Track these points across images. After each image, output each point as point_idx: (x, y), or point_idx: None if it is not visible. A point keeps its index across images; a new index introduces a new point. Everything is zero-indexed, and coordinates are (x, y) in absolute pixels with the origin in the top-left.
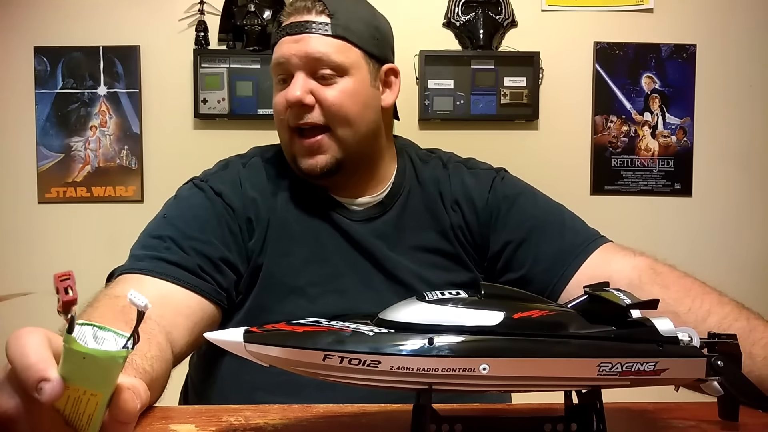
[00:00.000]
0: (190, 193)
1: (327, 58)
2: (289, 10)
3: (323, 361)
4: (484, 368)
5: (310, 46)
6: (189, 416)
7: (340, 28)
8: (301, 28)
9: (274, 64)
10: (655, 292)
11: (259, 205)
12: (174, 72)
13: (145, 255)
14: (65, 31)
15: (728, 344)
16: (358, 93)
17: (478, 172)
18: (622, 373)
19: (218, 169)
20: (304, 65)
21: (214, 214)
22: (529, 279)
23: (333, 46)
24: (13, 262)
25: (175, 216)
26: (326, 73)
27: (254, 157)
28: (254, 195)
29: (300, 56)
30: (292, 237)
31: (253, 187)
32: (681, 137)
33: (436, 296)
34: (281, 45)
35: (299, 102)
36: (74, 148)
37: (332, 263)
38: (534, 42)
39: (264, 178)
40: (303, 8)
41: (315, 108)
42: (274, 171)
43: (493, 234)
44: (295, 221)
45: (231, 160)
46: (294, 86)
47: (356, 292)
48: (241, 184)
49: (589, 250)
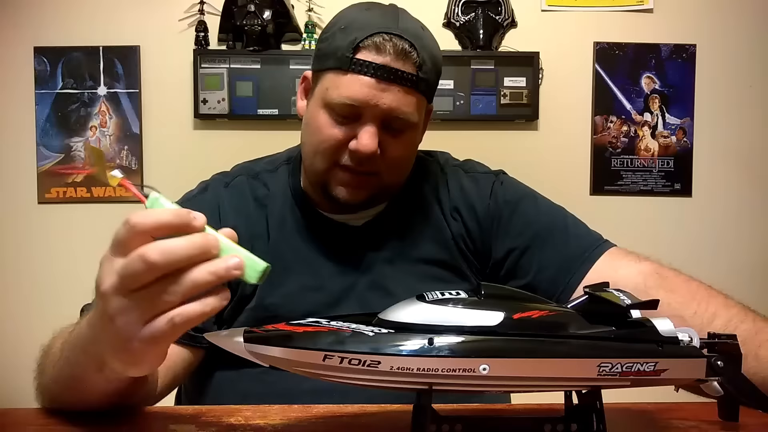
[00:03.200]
0: None
1: (406, 117)
2: (378, 41)
3: (323, 361)
4: (484, 368)
5: (396, 101)
6: (189, 416)
7: (423, 83)
8: (393, 77)
9: (342, 101)
10: (660, 296)
11: (240, 233)
12: (174, 72)
13: None
14: (65, 31)
15: (728, 344)
16: (415, 143)
17: (477, 176)
18: (622, 374)
19: (198, 192)
20: (380, 117)
21: None
22: (534, 286)
23: (413, 105)
24: (13, 262)
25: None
26: (398, 127)
27: (239, 176)
28: (235, 221)
29: (382, 108)
30: (285, 266)
31: (235, 211)
32: (681, 137)
33: (436, 296)
34: (361, 83)
35: (373, 155)
36: (74, 148)
37: (328, 290)
38: (534, 42)
39: (250, 199)
40: (399, 52)
41: (377, 158)
42: (263, 191)
43: (495, 241)
44: (288, 248)
45: (212, 182)
46: (370, 138)
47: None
48: (220, 210)
49: (595, 256)
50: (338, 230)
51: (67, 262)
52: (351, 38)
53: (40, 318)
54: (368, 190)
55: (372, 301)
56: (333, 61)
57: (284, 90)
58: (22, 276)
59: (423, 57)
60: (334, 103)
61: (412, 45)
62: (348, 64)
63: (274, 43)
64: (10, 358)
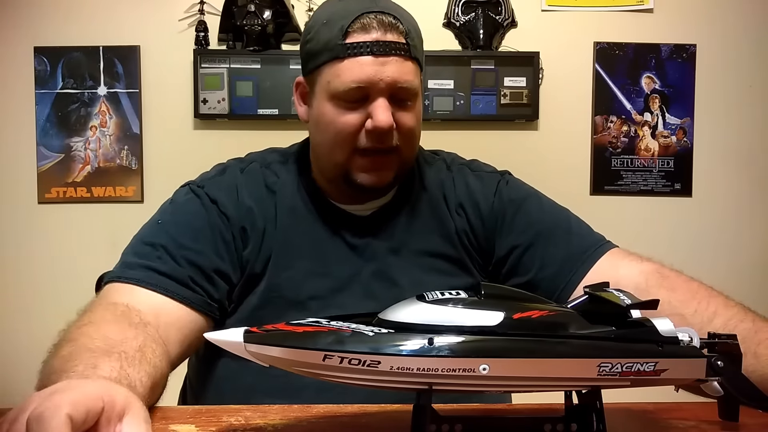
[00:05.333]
0: (186, 199)
1: (409, 85)
2: (366, 22)
3: (323, 361)
4: (484, 368)
5: (397, 72)
6: (189, 416)
7: (414, 49)
8: (388, 50)
9: (348, 86)
10: (661, 295)
11: (254, 214)
12: (174, 72)
13: (137, 263)
14: (65, 31)
15: (728, 344)
16: (420, 113)
17: (483, 175)
18: (622, 374)
19: (216, 173)
20: (387, 90)
21: (208, 222)
22: (535, 284)
23: (412, 72)
24: (13, 262)
25: (170, 222)
26: (405, 97)
27: (253, 163)
28: (250, 204)
29: (387, 81)
30: (293, 250)
31: (250, 195)
32: (681, 137)
33: (436, 296)
34: (361, 64)
35: (391, 129)
36: (74, 148)
37: (334, 276)
38: (534, 42)
39: (262, 185)
40: (386, 25)
41: (394, 132)
42: (274, 179)
43: (498, 239)
44: (296, 233)
45: (229, 165)
46: (385, 112)
47: (358, 304)
48: (238, 191)
49: (597, 255)
50: (346, 219)
51: (67, 262)
52: (338, 27)
53: (40, 318)
54: (391, 170)
55: (376, 290)
56: (326, 54)
57: (284, 90)
58: (22, 276)
59: (407, 26)
60: (340, 91)
61: (395, 17)
62: (342, 51)
63: (274, 43)
64: (10, 357)
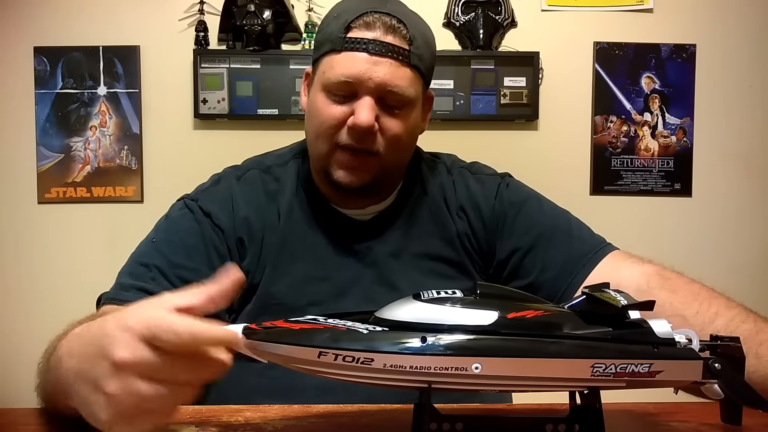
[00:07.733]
0: (180, 215)
1: (401, 91)
2: (369, 20)
3: (318, 358)
4: (476, 367)
5: (389, 74)
6: (189, 416)
7: (416, 57)
8: (383, 50)
9: (338, 78)
10: (663, 296)
11: (252, 224)
12: (174, 72)
13: (131, 285)
14: (65, 31)
15: (730, 347)
16: (413, 124)
17: (483, 177)
18: (617, 375)
19: (210, 184)
20: (376, 90)
21: (201, 237)
22: (536, 287)
23: (407, 79)
24: (13, 262)
25: (163, 241)
26: (394, 104)
27: (250, 170)
28: (247, 213)
29: (376, 81)
30: (292, 255)
31: (248, 204)
32: (681, 137)
33: (432, 295)
34: (354, 59)
35: (370, 129)
36: (74, 148)
37: (333, 281)
38: (534, 42)
39: (261, 193)
40: (388, 27)
41: (376, 135)
42: (273, 185)
43: (499, 241)
44: (296, 238)
45: (225, 174)
46: (367, 111)
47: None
48: (233, 201)
49: (598, 258)
50: (346, 223)
51: (67, 262)
52: (342, 20)
53: (39, 318)
54: (368, 172)
55: (377, 295)
56: (327, 45)
57: (284, 90)
58: (22, 276)
59: (413, 33)
60: (331, 82)
61: (401, 21)
62: (341, 44)
63: (274, 43)
64: (10, 357)
